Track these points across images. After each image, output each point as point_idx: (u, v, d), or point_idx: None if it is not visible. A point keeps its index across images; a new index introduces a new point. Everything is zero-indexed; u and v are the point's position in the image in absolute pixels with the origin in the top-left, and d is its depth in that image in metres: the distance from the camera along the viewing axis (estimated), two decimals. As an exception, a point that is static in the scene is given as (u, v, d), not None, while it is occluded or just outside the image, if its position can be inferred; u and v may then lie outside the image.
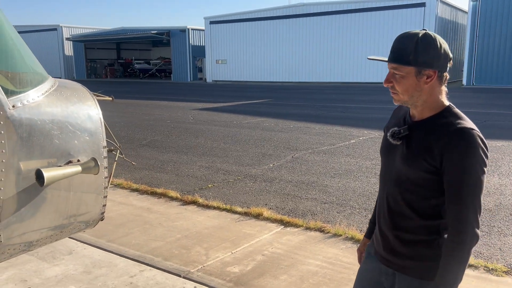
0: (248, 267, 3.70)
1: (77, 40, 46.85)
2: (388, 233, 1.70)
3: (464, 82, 28.55)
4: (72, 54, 48.06)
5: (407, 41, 1.52)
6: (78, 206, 2.24)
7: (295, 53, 34.63)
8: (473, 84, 28.05)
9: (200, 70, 42.04)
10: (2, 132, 1.89)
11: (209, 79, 39.55)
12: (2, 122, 1.89)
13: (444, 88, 1.60)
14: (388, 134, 1.68)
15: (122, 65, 48.84)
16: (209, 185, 6.34)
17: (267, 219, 4.81)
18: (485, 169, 1.49)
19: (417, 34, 1.52)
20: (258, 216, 4.89)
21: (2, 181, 1.91)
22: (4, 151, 1.90)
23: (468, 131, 1.49)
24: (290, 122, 12.60)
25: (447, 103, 1.60)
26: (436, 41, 1.51)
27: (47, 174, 1.91)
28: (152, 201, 5.58)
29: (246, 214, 5.00)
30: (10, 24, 2.07)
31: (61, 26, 47.70)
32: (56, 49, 48.04)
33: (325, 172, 6.99)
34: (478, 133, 1.50)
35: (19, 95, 1.98)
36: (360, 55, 31.03)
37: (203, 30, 40.54)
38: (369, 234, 2.01)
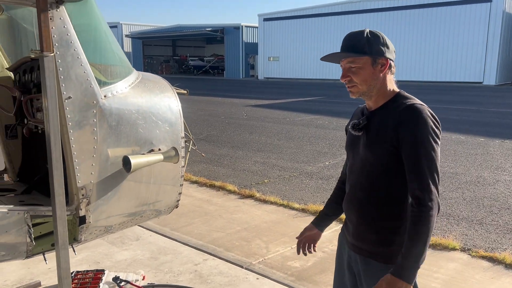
0: (308, 262, 3.70)
1: (135, 37, 48.73)
2: (357, 221, 1.77)
3: (532, 82, 26.81)
4: (131, 51, 50.01)
5: (358, 37, 1.67)
6: (157, 193, 2.35)
7: (349, 50, 33.88)
8: (542, 84, 26.24)
9: (252, 67, 42.33)
10: (95, 120, 2.02)
11: (261, 76, 39.74)
12: (94, 111, 2.02)
13: (393, 77, 1.74)
14: (349, 127, 1.82)
15: (177, 62, 50.24)
16: (265, 180, 6.40)
17: (326, 216, 4.78)
18: (438, 140, 1.58)
19: (364, 30, 1.68)
20: (316, 214, 4.86)
21: (93, 166, 2.04)
22: (96, 138, 2.03)
23: (416, 106, 1.61)
24: (345, 120, 12.36)
25: (397, 89, 1.73)
26: (381, 34, 1.68)
27: (134, 160, 2.02)
28: (211, 193, 5.72)
29: (303, 210, 5.01)
30: (103, 18, 2.20)
31: (121, 24, 49.77)
32: (116, 46, 50.10)
33: (383, 172, 6.82)
34: (426, 107, 1.62)
35: (110, 86, 2.11)
36: (420, 53, 29.96)
37: (257, 27, 40.75)
38: (316, 221, 2.06)
